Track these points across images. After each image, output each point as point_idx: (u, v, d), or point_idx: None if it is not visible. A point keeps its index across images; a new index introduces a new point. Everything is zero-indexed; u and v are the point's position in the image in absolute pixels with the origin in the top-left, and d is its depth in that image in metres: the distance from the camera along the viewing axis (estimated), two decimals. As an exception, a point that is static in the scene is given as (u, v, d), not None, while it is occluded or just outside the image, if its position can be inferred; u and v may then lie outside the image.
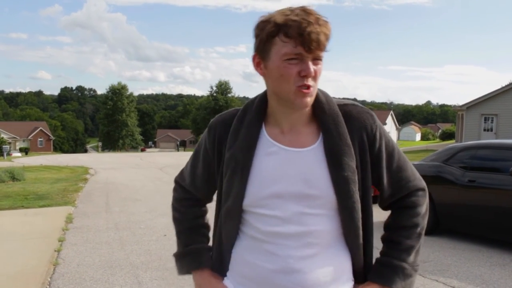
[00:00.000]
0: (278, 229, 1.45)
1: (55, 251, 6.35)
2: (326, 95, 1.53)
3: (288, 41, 1.34)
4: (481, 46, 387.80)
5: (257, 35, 1.43)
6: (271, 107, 1.51)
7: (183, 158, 35.28)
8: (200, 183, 1.69)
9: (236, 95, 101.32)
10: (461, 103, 33.38)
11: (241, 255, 1.55)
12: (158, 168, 23.67)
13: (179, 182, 1.80)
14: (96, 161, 31.52)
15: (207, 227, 1.76)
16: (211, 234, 1.75)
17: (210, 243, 1.72)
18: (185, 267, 1.70)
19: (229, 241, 1.57)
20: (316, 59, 1.38)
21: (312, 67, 1.36)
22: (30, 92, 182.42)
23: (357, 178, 1.46)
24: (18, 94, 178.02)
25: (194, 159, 1.71)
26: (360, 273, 1.55)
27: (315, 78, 1.39)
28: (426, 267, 5.80)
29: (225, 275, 1.61)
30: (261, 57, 1.44)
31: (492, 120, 31.42)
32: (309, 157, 1.46)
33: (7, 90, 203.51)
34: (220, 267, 1.62)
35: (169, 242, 7.00)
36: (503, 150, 6.96)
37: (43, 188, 13.51)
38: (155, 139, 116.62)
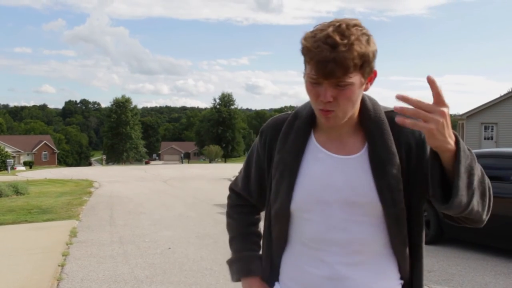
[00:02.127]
0: (325, 235, 1.47)
1: (59, 265, 6.35)
2: (374, 102, 1.53)
3: (310, 62, 1.35)
4: (478, 56, 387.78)
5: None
6: None
7: (187, 170, 35.32)
8: (253, 188, 1.70)
9: (239, 107, 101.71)
10: (461, 112, 33.35)
11: (290, 260, 1.57)
12: (163, 181, 23.68)
13: (234, 189, 1.81)
14: (100, 174, 31.56)
15: (259, 235, 1.75)
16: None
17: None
18: (235, 274, 1.72)
19: (279, 245, 1.59)
20: (338, 84, 1.34)
21: (329, 93, 1.35)
22: (34, 106, 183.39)
23: (403, 186, 1.45)
24: (23, 108, 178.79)
25: (247, 164, 1.73)
26: (406, 278, 1.54)
27: (338, 102, 1.37)
28: (431, 276, 5.78)
29: (276, 280, 1.63)
30: (305, 67, 1.45)
31: (492, 129, 31.37)
32: (354, 165, 1.47)
33: (11, 104, 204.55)
34: (270, 271, 1.64)
35: (174, 255, 7.00)
36: (504, 158, 6.96)
37: (47, 202, 13.52)
38: (159, 152, 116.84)
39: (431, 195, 1.35)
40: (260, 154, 1.65)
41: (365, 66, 1.36)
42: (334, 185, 1.46)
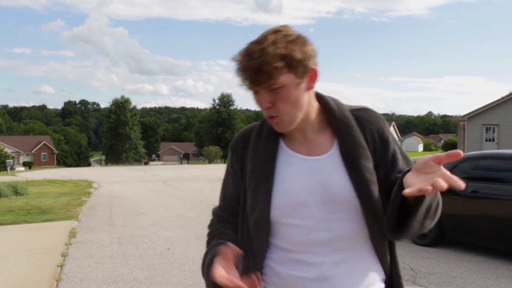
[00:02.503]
0: (308, 237, 1.47)
1: (58, 266, 6.33)
2: (337, 102, 1.56)
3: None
4: (479, 56, 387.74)
5: None
6: None
7: (186, 171, 35.30)
8: (232, 205, 1.64)
9: (239, 108, 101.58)
10: (461, 113, 33.35)
11: (273, 268, 1.53)
12: (162, 182, 23.66)
13: (214, 212, 1.72)
14: (99, 174, 31.55)
15: (233, 240, 1.58)
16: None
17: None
18: (206, 263, 1.51)
19: (260, 254, 1.55)
20: (274, 89, 1.39)
21: (266, 99, 1.40)
22: (33, 106, 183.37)
23: (376, 179, 1.48)
24: (22, 108, 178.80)
25: (223, 185, 1.70)
26: (388, 278, 1.56)
27: (277, 107, 1.42)
28: (432, 279, 5.76)
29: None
30: None
31: (494, 130, 31.37)
32: (327, 164, 1.49)
33: (11, 105, 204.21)
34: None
35: (173, 256, 6.98)
36: (506, 160, 6.94)
37: (46, 203, 13.51)
38: (159, 152, 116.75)
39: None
40: (235, 170, 1.62)
41: (294, 66, 1.37)
42: (310, 186, 1.47)
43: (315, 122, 1.52)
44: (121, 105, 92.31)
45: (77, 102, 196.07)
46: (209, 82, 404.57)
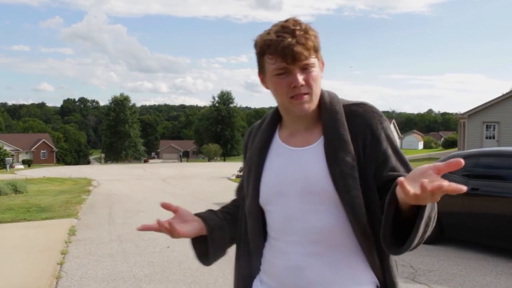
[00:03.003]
0: (286, 225, 1.52)
1: (57, 264, 6.33)
2: (332, 96, 1.59)
3: (272, 57, 1.45)
4: (480, 54, 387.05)
5: (256, 54, 1.55)
6: (282, 114, 1.63)
7: (186, 169, 35.30)
8: (242, 193, 1.76)
9: (238, 105, 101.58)
10: (462, 111, 33.35)
11: (264, 255, 1.61)
12: (161, 179, 23.67)
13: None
14: (99, 172, 31.56)
15: (232, 213, 1.77)
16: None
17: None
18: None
19: (254, 241, 1.62)
20: (305, 68, 1.45)
21: (300, 77, 1.44)
22: (32, 104, 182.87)
23: (357, 175, 1.46)
24: (21, 106, 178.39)
25: (243, 173, 1.80)
26: (380, 278, 1.50)
27: (308, 85, 1.47)
28: (431, 276, 5.76)
29: (257, 274, 1.64)
30: (261, 73, 1.56)
31: (494, 128, 31.39)
32: (310, 155, 1.52)
33: (9, 102, 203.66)
34: (249, 267, 1.65)
35: (173, 254, 6.98)
36: (506, 157, 6.94)
37: (46, 201, 13.51)
38: (158, 150, 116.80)
39: (381, 233, 1.36)
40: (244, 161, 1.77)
41: (319, 51, 1.49)
42: (291, 176, 1.52)
43: (312, 114, 1.54)
44: (120, 103, 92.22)
45: (76, 100, 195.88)
46: (208, 79, 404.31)
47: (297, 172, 1.51)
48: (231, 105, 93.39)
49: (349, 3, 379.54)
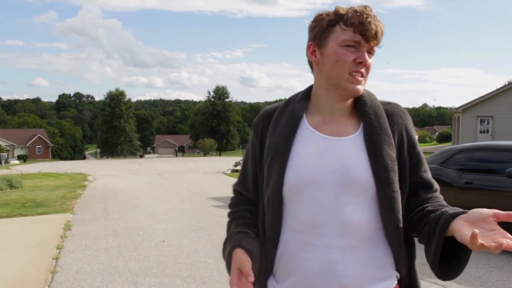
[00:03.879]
0: (317, 217, 1.44)
1: (53, 259, 6.34)
2: (369, 92, 1.58)
3: (348, 29, 1.42)
4: (475, 48, 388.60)
5: (315, 27, 1.50)
6: (316, 96, 1.55)
7: (182, 163, 35.28)
8: (250, 183, 1.66)
9: (234, 100, 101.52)
10: (457, 105, 33.42)
11: (283, 249, 1.51)
12: (157, 174, 23.66)
13: (234, 188, 1.76)
14: (94, 167, 31.51)
15: (255, 225, 1.62)
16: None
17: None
18: (226, 254, 1.56)
19: (272, 232, 1.53)
20: (370, 52, 1.46)
21: (367, 56, 1.44)
22: (27, 99, 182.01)
23: (397, 168, 1.46)
24: (16, 101, 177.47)
25: (244, 161, 1.71)
26: (402, 274, 1.51)
27: (367, 69, 1.47)
28: (425, 270, 5.77)
29: (271, 273, 1.56)
30: (318, 44, 1.50)
31: (488, 122, 31.51)
32: (348, 146, 1.47)
33: (4, 98, 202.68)
34: (264, 262, 1.54)
35: (168, 248, 7.00)
36: (499, 151, 6.98)
37: (41, 196, 13.49)
38: (154, 145, 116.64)
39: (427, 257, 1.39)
40: (254, 146, 1.63)
41: None
42: (326, 166, 1.45)
43: (346, 104, 1.52)
44: (115, 98, 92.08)
45: (72, 95, 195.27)
46: (204, 74, 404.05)
47: (334, 162, 1.44)
48: (227, 100, 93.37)
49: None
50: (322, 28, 1.47)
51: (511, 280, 5.37)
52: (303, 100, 1.58)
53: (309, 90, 1.60)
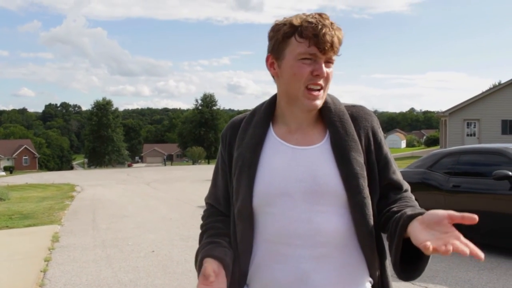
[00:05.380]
0: (288, 228, 1.43)
1: (41, 271, 6.27)
2: (332, 97, 1.56)
3: (303, 41, 1.39)
4: (461, 52, 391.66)
5: (272, 37, 1.48)
6: (280, 107, 1.54)
7: (170, 172, 35.13)
8: (221, 194, 1.64)
9: (222, 108, 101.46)
10: (443, 109, 33.79)
11: (256, 261, 1.51)
12: (146, 183, 23.54)
13: (205, 201, 1.74)
14: (82, 178, 31.27)
15: (227, 234, 1.59)
16: None
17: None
18: (197, 262, 1.53)
19: (244, 245, 1.51)
20: (328, 62, 1.43)
21: (324, 68, 1.41)
22: (13, 110, 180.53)
23: (365, 174, 1.46)
24: (1, 112, 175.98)
25: (214, 173, 1.70)
26: (375, 278, 1.51)
27: (327, 79, 1.44)
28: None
29: (244, 284, 1.54)
30: (275, 57, 1.48)
31: (475, 125, 31.88)
32: (316, 154, 1.46)
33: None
34: (237, 273, 1.52)
35: (157, 258, 6.95)
36: (486, 154, 7.05)
37: (29, 207, 13.35)
38: (142, 154, 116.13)
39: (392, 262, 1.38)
40: (224, 158, 1.61)
41: None
42: (295, 175, 1.44)
43: (311, 114, 1.51)
44: (103, 107, 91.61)
45: (58, 104, 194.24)
46: (191, 82, 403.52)
47: (302, 171, 1.44)
48: (214, 108, 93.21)
49: (330, 3, 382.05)
50: (278, 41, 1.45)
51: (501, 282, 5.39)
52: (268, 110, 1.57)
53: (274, 99, 1.58)
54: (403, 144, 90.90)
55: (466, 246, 1.16)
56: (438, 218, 1.23)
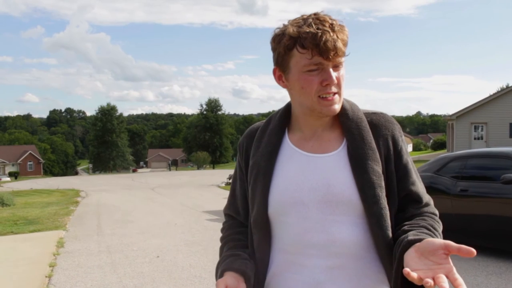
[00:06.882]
0: (304, 238, 1.40)
1: (46, 277, 6.25)
2: (351, 103, 1.51)
3: (306, 52, 1.33)
4: (468, 55, 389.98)
5: (275, 49, 1.42)
6: (295, 114, 1.50)
7: (175, 177, 35.16)
8: (240, 204, 1.60)
9: (226, 112, 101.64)
10: (450, 112, 33.66)
11: (273, 270, 1.48)
12: (150, 189, 23.55)
13: (224, 212, 1.71)
14: (87, 183, 31.34)
15: (248, 246, 1.57)
16: None
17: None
18: (217, 276, 1.50)
19: (260, 253, 1.49)
20: (337, 66, 1.37)
21: (333, 74, 1.35)
22: (18, 116, 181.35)
23: (383, 183, 1.40)
24: (6, 118, 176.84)
25: (232, 182, 1.67)
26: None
27: (339, 84, 1.38)
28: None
29: None
30: (282, 70, 1.43)
31: (482, 129, 31.73)
32: (332, 162, 1.42)
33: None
34: (255, 282, 1.48)
35: (162, 263, 6.91)
36: (494, 158, 6.98)
37: (33, 213, 13.36)
38: (147, 159, 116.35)
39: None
40: (241, 167, 1.58)
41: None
42: (309, 184, 1.40)
43: (326, 120, 1.46)
44: (107, 113, 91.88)
45: (63, 110, 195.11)
46: (195, 87, 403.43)
47: (317, 180, 1.40)
48: (219, 112, 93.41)
49: (335, 7, 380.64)
50: (281, 54, 1.39)
51: (509, 287, 5.33)
52: (283, 117, 1.53)
53: (288, 106, 1.55)
54: (410, 148, 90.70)
55: (455, 281, 1.09)
56: (433, 248, 1.17)
